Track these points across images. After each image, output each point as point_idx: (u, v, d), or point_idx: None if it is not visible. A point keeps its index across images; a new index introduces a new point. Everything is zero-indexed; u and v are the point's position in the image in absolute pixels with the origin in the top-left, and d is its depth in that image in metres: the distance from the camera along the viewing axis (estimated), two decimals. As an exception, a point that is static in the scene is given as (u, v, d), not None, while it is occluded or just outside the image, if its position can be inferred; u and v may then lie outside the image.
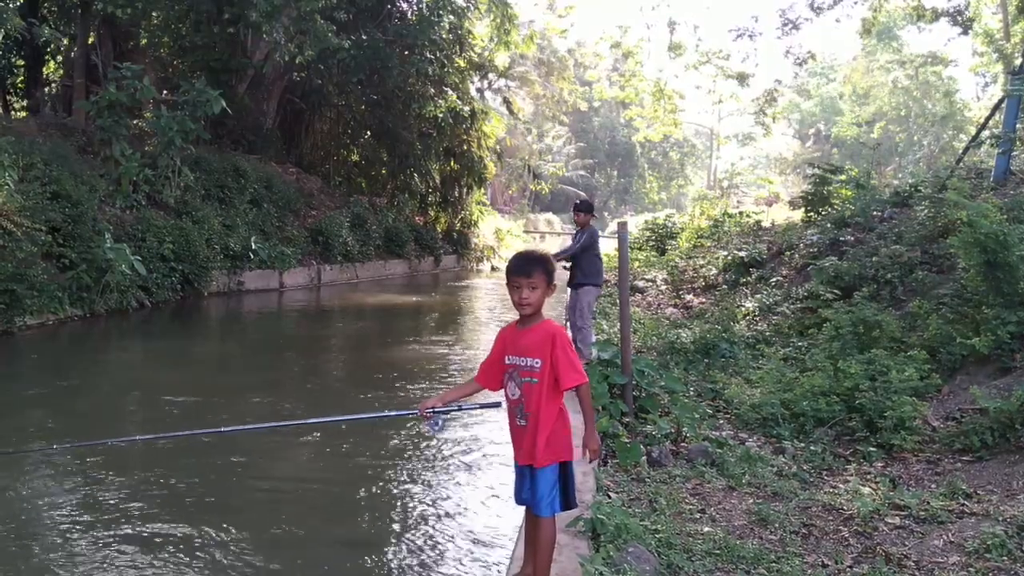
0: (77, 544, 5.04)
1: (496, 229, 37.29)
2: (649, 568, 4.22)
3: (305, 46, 20.89)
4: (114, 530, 5.26)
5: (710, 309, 13.82)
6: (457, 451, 7.35)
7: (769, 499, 5.54)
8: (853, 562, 4.59)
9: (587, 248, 9.96)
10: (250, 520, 5.59)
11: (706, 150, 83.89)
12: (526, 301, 3.81)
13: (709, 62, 30.03)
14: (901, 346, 8.30)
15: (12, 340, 11.46)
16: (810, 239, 14.45)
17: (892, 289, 10.57)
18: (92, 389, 9.42)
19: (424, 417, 4.07)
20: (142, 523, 5.40)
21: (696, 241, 21.42)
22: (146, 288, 14.81)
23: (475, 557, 5.15)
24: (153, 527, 5.34)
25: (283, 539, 5.35)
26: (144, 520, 5.45)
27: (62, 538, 5.12)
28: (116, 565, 4.79)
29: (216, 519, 5.49)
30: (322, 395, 9.73)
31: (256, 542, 5.23)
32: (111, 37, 21.27)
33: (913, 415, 6.53)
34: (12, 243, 11.80)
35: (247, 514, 5.73)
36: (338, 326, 16.12)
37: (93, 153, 16.79)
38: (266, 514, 5.75)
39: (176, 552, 5.00)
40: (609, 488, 5.60)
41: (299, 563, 4.98)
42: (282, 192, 21.91)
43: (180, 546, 5.08)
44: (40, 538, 5.13)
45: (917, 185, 14.93)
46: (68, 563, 4.79)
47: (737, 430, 7.31)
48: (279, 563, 4.98)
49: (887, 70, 53.29)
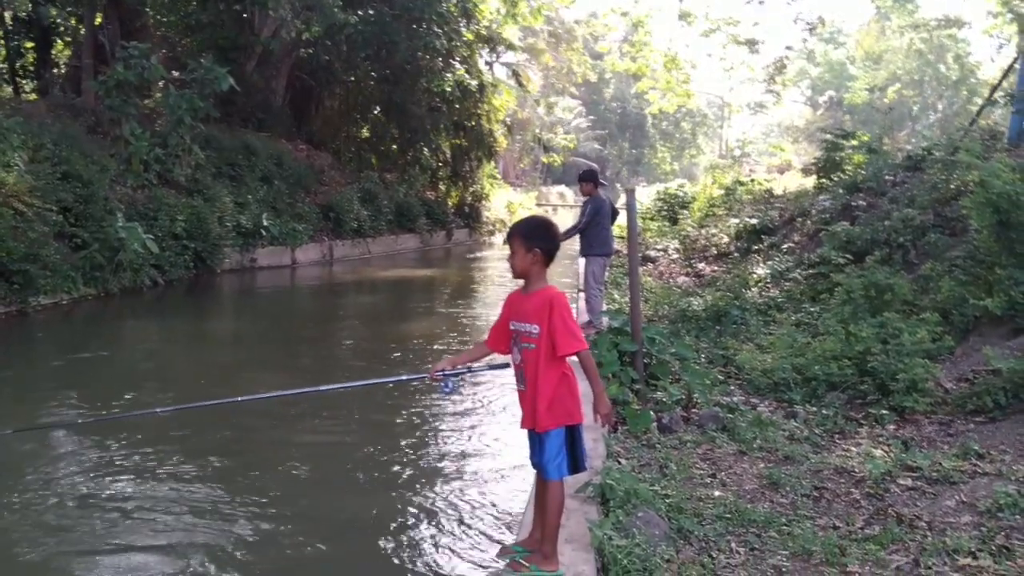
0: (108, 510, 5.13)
1: (508, 202, 37.20)
2: (659, 532, 4.23)
3: (312, 22, 20.81)
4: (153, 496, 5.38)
5: (722, 277, 13.78)
6: (470, 415, 7.39)
7: (780, 463, 5.54)
8: (865, 524, 4.58)
9: (591, 220, 9.95)
10: (270, 480, 5.76)
11: (717, 120, 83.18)
12: (510, 265, 3.94)
13: (719, 29, 29.67)
14: (913, 309, 8.25)
15: (27, 320, 11.53)
16: (822, 205, 14.36)
17: (904, 253, 10.49)
18: (109, 365, 9.49)
19: (435, 380, 4.08)
20: (176, 491, 5.52)
21: (708, 210, 21.31)
22: (159, 266, 14.84)
23: (484, 522, 5.18)
24: (179, 495, 5.43)
25: (301, 502, 5.42)
26: (172, 492, 5.54)
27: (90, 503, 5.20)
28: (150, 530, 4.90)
29: (236, 488, 5.62)
30: (338, 368, 9.81)
31: (277, 498, 5.40)
32: (118, 17, 21.17)
33: (925, 377, 6.49)
34: (24, 224, 11.85)
35: (265, 477, 5.86)
36: (351, 301, 16.16)
37: (103, 133, 16.80)
38: (287, 477, 5.90)
39: (195, 515, 5.15)
40: (619, 454, 5.61)
41: (312, 527, 5.07)
42: (293, 169, 21.88)
43: (200, 510, 5.22)
44: (84, 503, 5.23)
45: (930, 148, 14.77)
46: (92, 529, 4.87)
47: (748, 395, 7.29)
48: (296, 522, 5.09)
49: (900, 33, 52.60)
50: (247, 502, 5.41)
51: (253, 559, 4.71)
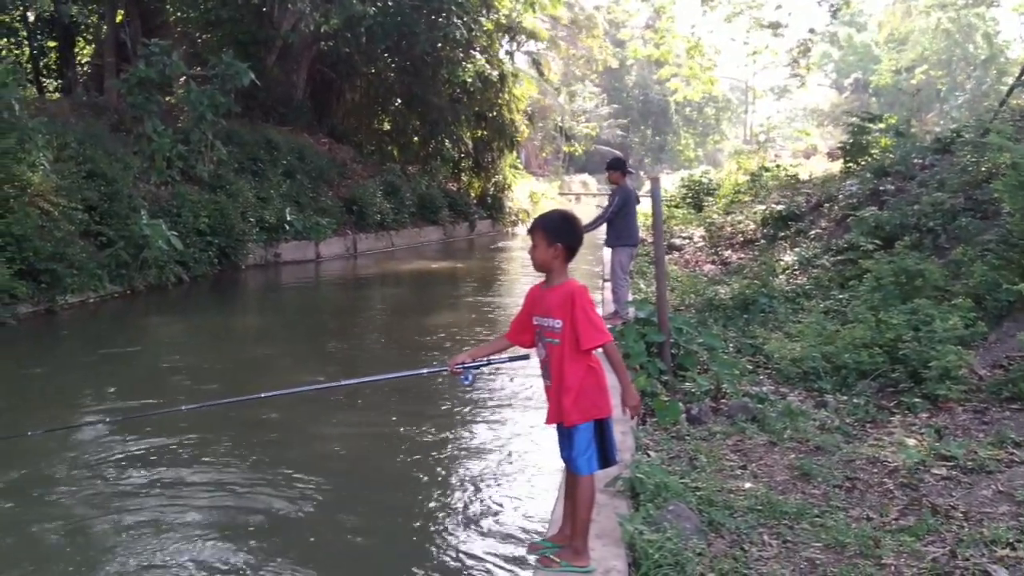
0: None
1: (530, 192, 37.12)
2: (690, 526, 4.17)
3: (330, 14, 20.79)
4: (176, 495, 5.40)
5: (748, 264, 13.66)
6: (499, 407, 7.37)
7: (812, 453, 5.46)
8: (899, 514, 4.50)
9: (618, 210, 9.87)
10: (299, 471, 5.82)
11: (741, 105, 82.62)
12: (531, 257, 3.90)
13: (742, 13, 29.38)
14: (945, 295, 8.11)
15: (55, 318, 11.63)
16: (849, 190, 14.18)
17: (935, 237, 10.33)
18: (139, 362, 9.54)
19: (454, 373, 4.05)
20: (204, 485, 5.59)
21: (733, 197, 21.14)
22: (184, 263, 14.91)
23: (514, 517, 5.14)
24: (206, 487, 5.48)
25: (325, 495, 5.45)
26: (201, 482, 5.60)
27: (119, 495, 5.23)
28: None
29: (265, 479, 5.72)
30: (364, 362, 9.83)
31: (306, 488, 5.50)
32: (139, 14, 21.32)
33: (959, 364, 6.36)
34: (50, 223, 11.96)
35: (294, 468, 5.89)
36: (376, 294, 16.17)
37: (126, 131, 16.88)
38: (313, 470, 5.92)
39: (223, 506, 5.25)
40: (648, 447, 5.55)
41: (338, 520, 5.12)
42: (315, 163, 21.93)
43: (227, 499, 5.32)
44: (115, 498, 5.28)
45: (959, 130, 14.53)
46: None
47: (778, 385, 7.21)
48: (322, 511, 5.19)
49: (927, 13, 51.92)
50: (278, 493, 5.48)
51: (287, 545, 4.80)
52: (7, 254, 11.05)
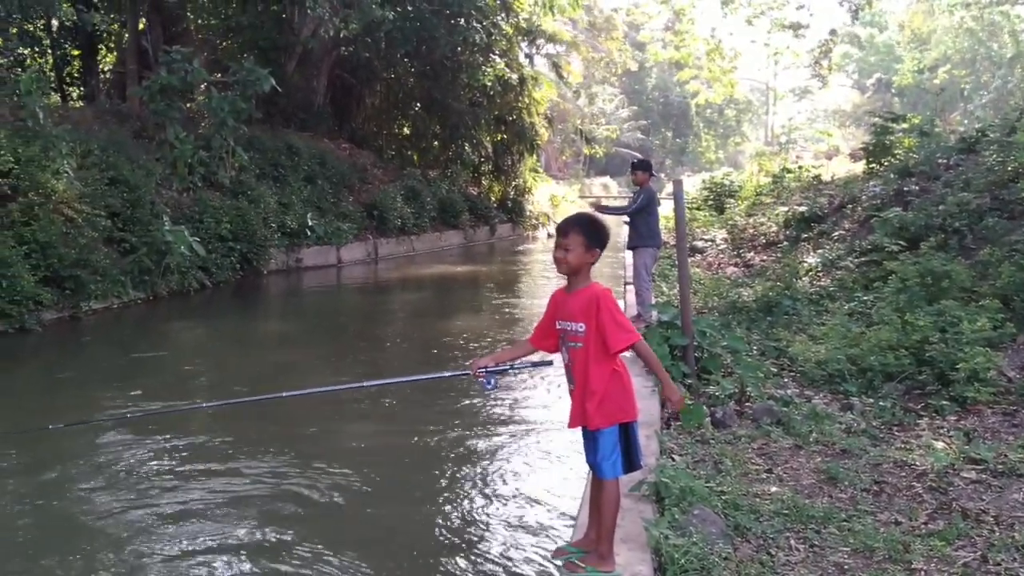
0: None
1: (551, 195, 37.08)
2: (715, 530, 4.13)
3: (350, 20, 20.85)
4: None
5: (771, 266, 13.57)
6: (520, 413, 7.34)
7: (838, 457, 5.40)
8: (928, 518, 4.45)
9: (641, 209, 9.84)
10: (323, 474, 5.84)
11: (762, 106, 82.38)
12: (561, 260, 3.80)
13: (763, 15, 29.25)
14: (972, 296, 8.03)
15: (79, 324, 11.70)
16: (872, 191, 14.07)
17: (961, 238, 10.23)
18: (163, 366, 9.58)
19: (477, 377, 4.02)
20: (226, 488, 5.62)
21: (755, 198, 21.04)
22: (206, 269, 14.96)
23: (540, 522, 5.11)
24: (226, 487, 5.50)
25: (351, 489, 5.55)
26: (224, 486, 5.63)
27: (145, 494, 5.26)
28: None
29: (292, 471, 5.85)
30: (387, 366, 9.84)
31: (327, 491, 5.53)
32: (160, 22, 21.46)
33: (987, 366, 6.29)
34: (74, 230, 12.04)
35: (317, 467, 5.94)
36: (398, 298, 16.18)
37: (148, 138, 16.98)
38: (338, 464, 6.00)
39: (246, 504, 5.25)
40: (673, 451, 5.51)
41: (361, 526, 5.13)
42: (336, 168, 21.99)
43: (253, 497, 5.38)
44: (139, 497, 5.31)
45: (984, 130, 14.40)
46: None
47: (803, 388, 7.14)
48: (350, 502, 5.41)
49: (950, 12, 51.43)
50: (308, 484, 5.64)
51: (317, 532, 4.98)
52: (32, 261, 11.13)
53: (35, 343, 10.56)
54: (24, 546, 4.82)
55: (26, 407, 7.94)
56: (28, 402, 8.15)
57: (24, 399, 8.27)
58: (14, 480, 5.76)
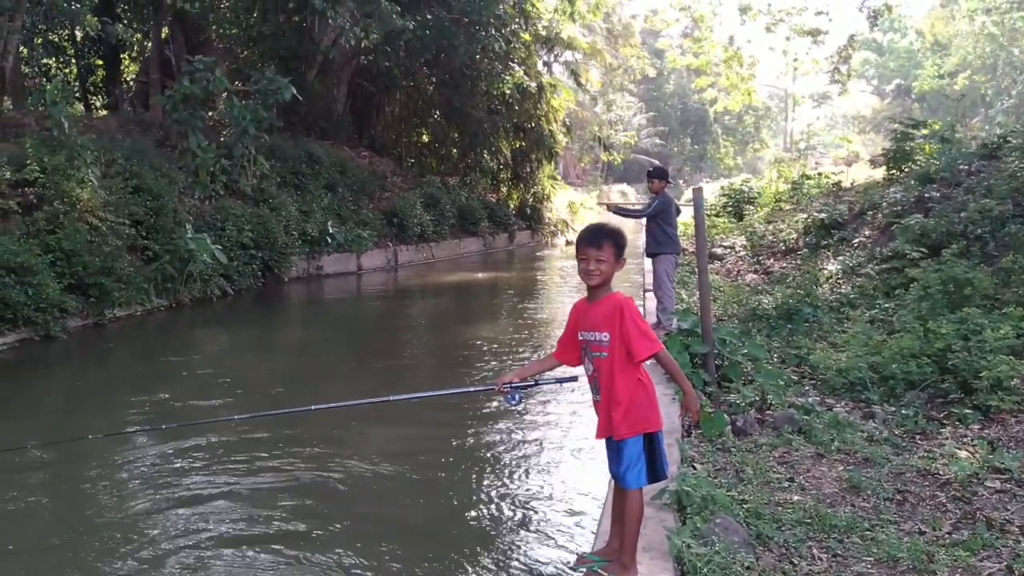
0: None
1: (569, 202, 37.06)
2: (738, 539, 4.13)
3: (370, 29, 20.98)
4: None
5: (791, 273, 13.51)
6: (545, 421, 7.35)
7: (860, 465, 5.38)
8: (952, 528, 4.43)
9: (656, 215, 9.84)
10: (344, 485, 5.88)
11: (781, 112, 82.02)
12: (594, 272, 3.78)
13: (782, 21, 29.17)
14: (995, 303, 7.98)
15: (104, 331, 11.83)
16: (893, 197, 13.99)
17: (983, 245, 10.17)
18: (186, 373, 9.66)
19: (502, 392, 4.04)
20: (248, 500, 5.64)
21: (774, 205, 20.96)
22: (228, 276, 15.10)
23: (562, 531, 5.12)
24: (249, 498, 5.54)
25: (374, 492, 5.64)
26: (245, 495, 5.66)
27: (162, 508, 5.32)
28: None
29: (311, 488, 5.85)
30: (409, 373, 9.91)
31: (349, 500, 5.60)
32: (183, 31, 21.67)
33: (1011, 375, 6.24)
34: (99, 238, 12.18)
35: (340, 482, 5.93)
36: (418, 306, 16.23)
37: (171, 146, 17.15)
38: (357, 485, 5.98)
39: (273, 518, 5.23)
40: (694, 459, 5.51)
41: (387, 531, 5.13)
42: (356, 176, 22.12)
43: (278, 512, 5.32)
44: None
45: (1006, 136, 14.31)
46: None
47: (824, 396, 7.12)
48: (366, 518, 5.39)
49: (971, 18, 51.11)
50: (320, 504, 5.57)
51: (343, 530, 5.15)
52: (57, 269, 11.28)
53: (60, 350, 10.69)
54: (64, 543, 4.99)
55: (53, 411, 8.07)
56: (54, 407, 8.27)
57: (50, 405, 8.39)
58: (51, 481, 5.94)
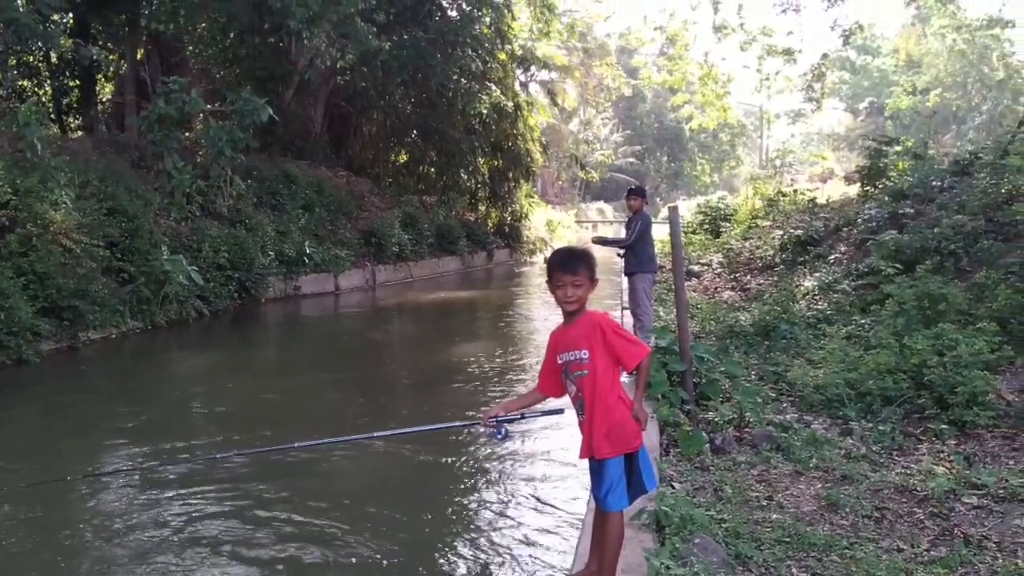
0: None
1: (547, 221, 37.18)
2: (717, 559, 4.12)
3: (346, 50, 21.00)
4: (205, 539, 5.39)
5: (768, 290, 13.57)
6: (522, 453, 7.31)
7: (838, 483, 5.39)
8: (930, 545, 4.43)
9: (641, 236, 9.91)
10: (323, 516, 5.74)
11: (756, 130, 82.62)
12: (571, 299, 3.77)
13: (755, 40, 29.40)
14: (969, 319, 8.03)
15: (78, 355, 11.68)
16: (868, 213, 14.12)
17: (956, 260, 10.26)
18: (162, 397, 9.58)
19: (488, 426, 4.02)
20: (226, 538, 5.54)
21: (751, 222, 21.10)
22: (204, 297, 14.99)
23: (537, 555, 5.10)
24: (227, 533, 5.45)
25: (345, 536, 5.41)
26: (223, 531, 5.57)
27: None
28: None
29: (290, 521, 5.69)
30: (389, 394, 9.85)
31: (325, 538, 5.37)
32: (158, 52, 21.60)
33: (986, 390, 6.28)
34: (72, 260, 12.05)
35: (319, 512, 5.82)
36: (396, 327, 16.16)
37: (146, 167, 17.04)
38: (333, 512, 5.85)
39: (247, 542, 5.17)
40: (672, 478, 5.50)
41: (367, 564, 5.04)
42: (333, 196, 22.07)
43: (252, 535, 5.26)
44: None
45: (977, 152, 14.49)
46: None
47: (802, 413, 7.14)
48: (347, 536, 5.31)
49: (942, 36, 51.81)
50: (299, 534, 5.45)
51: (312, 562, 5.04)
52: (30, 292, 11.14)
53: (34, 374, 10.53)
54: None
55: (26, 438, 7.92)
56: (27, 435, 8.12)
57: (22, 432, 8.23)
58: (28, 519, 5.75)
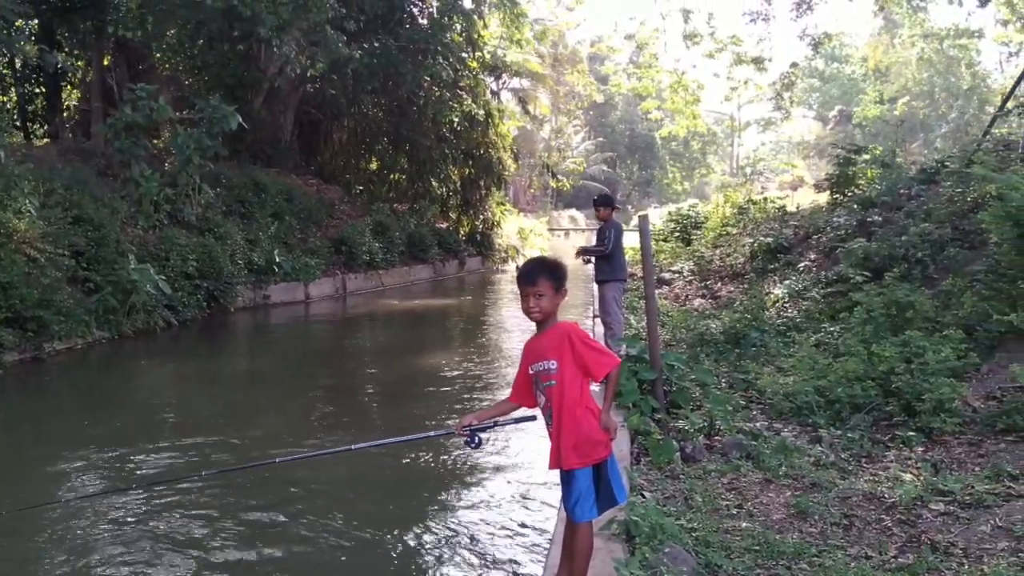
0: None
1: (519, 229, 37.19)
2: (687, 569, 4.11)
3: (316, 58, 20.92)
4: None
5: (738, 298, 13.64)
6: (493, 463, 7.28)
7: (807, 490, 5.40)
8: (898, 552, 4.45)
9: (617, 244, 9.91)
10: (293, 530, 5.68)
11: (727, 138, 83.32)
12: (533, 309, 3.78)
13: (725, 49, 29.57)
14: (936, 326, 8.09)
15: (42, 366, 11.49)
16: (837, 221, 14.23)
17: (923, 268, 10.36)
18: (128, 408, 9.44)
19: (461, 435, 3.99)
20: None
21: (721, 230, 21.20)
22: (172, 307, 14.81)
23: (508, 567, 5.07)
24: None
25: (323, 537, 5.37)
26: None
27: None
28: None
29: (262, 532, 5.64)
30: (358, 411, 9.74)
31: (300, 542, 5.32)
32: (125, 59, 21.42)
33: (952, 396, 6.32)
34: (37, 269, 11.86)
35: (287, 527, 5.76)
36: (366, 336, 16.05)
37: (113, 175, 16.86)
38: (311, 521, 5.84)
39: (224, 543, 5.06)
40: (643, 487, 5.49)
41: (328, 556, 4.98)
42: (303, 204, 21.93)
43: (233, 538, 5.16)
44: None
45: (943, 161, 14.66)
46: None
47: (771, 420, 7.16)
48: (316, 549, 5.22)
49: (911, 44, 52.47)
50: (269, 536, 5.41)
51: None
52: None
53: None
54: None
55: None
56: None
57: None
58: None
